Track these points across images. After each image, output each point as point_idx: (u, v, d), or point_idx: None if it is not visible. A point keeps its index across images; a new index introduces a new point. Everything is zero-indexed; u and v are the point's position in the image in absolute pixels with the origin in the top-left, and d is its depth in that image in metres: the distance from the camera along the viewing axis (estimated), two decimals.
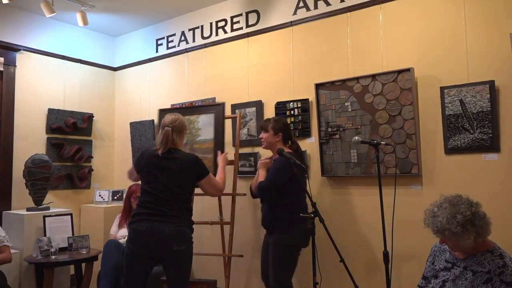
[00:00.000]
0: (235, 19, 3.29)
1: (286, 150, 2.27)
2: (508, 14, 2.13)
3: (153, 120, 3.77)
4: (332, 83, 2.65)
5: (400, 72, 2.39)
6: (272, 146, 2.34)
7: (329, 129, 2.64)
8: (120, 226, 3.01)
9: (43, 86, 3.64)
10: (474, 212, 1.36)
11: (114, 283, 2.65)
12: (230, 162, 2.63)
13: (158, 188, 2.02)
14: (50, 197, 3.45)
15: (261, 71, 3.11)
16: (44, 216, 3.08)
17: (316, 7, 2.83)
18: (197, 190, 2.26)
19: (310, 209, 2.11)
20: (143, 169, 2.09)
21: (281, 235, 2.17)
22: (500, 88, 2.13)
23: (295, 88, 2.90)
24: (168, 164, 2.05)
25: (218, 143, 2.96)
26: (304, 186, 2.15)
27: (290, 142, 2.38)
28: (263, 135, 2.36)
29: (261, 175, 2.28)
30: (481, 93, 2.15)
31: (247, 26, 3.21)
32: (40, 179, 3.20)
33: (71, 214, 3.23)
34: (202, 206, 3.34)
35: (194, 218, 3.02)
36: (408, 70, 2.36)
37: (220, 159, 2.50)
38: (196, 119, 3.10)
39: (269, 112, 3.02)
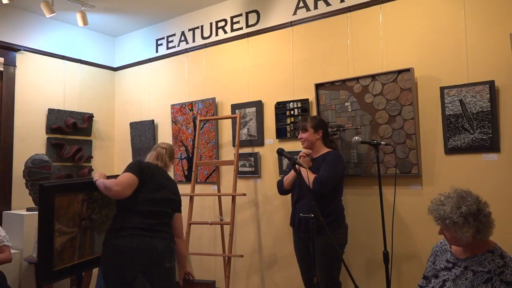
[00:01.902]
0: (235, 19, 3.29)
1: (315, 149, 2.27)
2: (508, 14, 2.14)
3: (153, 120, 3.77)
4: (332, 83, 2.65)
5: (400, 72, 2.39)
6: (314, 145, 2.30)
7: (329, 129, 2.63)
8: None
9: (43, 86, 3.63)
10: (480, 208, 1.37)
11: None
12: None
13: (161, 198, 1.97)
14: None
15: (261, 71, 3.11)
16: None
17: (316, 7, 2.84)
18: (197, 190, 2.26)
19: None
20: (144, 175, 1.97)
21: (334, 234, 2.04)
22: (500, 88, 2.13)
23: (295, 88, 2.90)
24: (164, 176, 2.09)
25: None
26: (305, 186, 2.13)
27: (328, 138, 2.36)
28: (302, 135, 2.30)
29: (308, 171, 2.16)
30: (481, 93, 2.15)
31: (247, 26, 3.21)
32: (40, 179, 3.20)
33: None
34: (202, 206, 3.33)
35: (194, 217, 3.03)
36: (408, 70, 2.36)
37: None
38: None
39: (269, 112, 3.02)
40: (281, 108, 2.92)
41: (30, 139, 3.50)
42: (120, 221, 1.91)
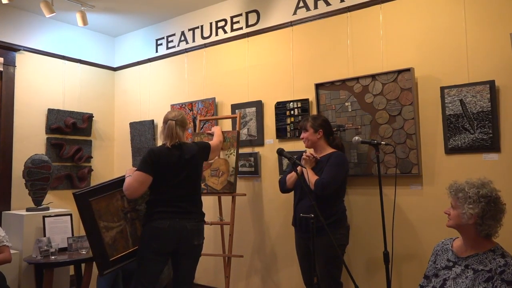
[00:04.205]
0: (235, 19, 3.29)
1: (321, 149, 2.28)
2: (508, 14, 2.14)
3: (153, 120, 3.77)
4: (332, 83, 2.65)
5: (400, 72, 2.39)
6: (316, 144, 2.30)
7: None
8: None
9: (43, 86, 3.63)
10: (496, 198, 1.40)
11: (112, 282, 2.65)
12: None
13: (176, 184, 2.07)
14: (49, 198, 3.44)
15: (261, 71, 3.11)
16: (44, 217, 3.07)
17: (316, 7, 2.84)
18: None
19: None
20: (161, 169, 2.06)
21: (335, 235, 2.03)
22: (501, 88, 2.13)
23: (295, 88, 2.90)
24: (181, 156, 2.11)
25: None
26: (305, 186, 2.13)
27: (331, 137, 2.34)
28: (303, 134, 2.32)
29: (310, 172, 2.15)
30: (481, 93, 2.15)
31: (247, 26, 3.21)
32: (40, 179, 3.20)
33: (70, 215, 3.22)
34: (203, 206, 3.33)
35: None
36: (408, 70, 2.36)
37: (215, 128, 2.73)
38: None
39: (269, 113, 3.02)
40: (281, 108, 2.92)
41: (29, 139, 3.50)
42: (152, 207, 2.10)
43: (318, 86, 2.70)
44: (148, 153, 2.10)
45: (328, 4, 2.78)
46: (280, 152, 2.07)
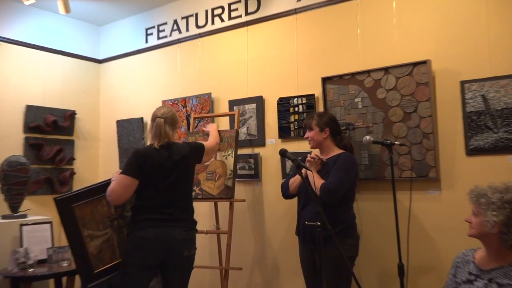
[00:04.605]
0: (233, 6, 3.29)
1: (327, 149, 2.28)
2: None
3: (142, 118, 3.76)
4: (341, 77, 2.65)
5: (415, 64, 2.39)
6: (321, 145, 2.29)
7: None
8: None
9: (20, 80, 3.63)
10: None
11: None
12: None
13: (164, 188, 2.06)
14: (27, 204, 3.43)
15: (261, 64, 3.11)
16: (21, 225, 3.06)
17: None
18: None
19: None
20: (147, 171, 2.05)
21: (343, 245, 2.01)
22: None
23: (300, 83, 2.90)
24: (169, 157, 2.10)
25: None
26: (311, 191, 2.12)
27: (339, 137, 2.34)
28: (308, 134, 2.31)
29: (315, 176, 2.13)
30: (505, 88, 2.15)
31: (247, 14, 3.20)
32: (17, 183, 3.19)
33: (51, 223, 3.21)
34: (196, 213, 3.32)
35: None
36: (424, 62, 2.36)
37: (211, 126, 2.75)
38: None
39: (271, 109, 3.02)
40: (284, 104, 2.92)
41: (5, 139, 3.50)
42: (137, 214, 2.09)
43: (325, 80, 2.70)
44: (133, 154, 2.09)
45: None
46: (283, 153, 2.07)
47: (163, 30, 3.73)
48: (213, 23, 3.40)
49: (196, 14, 3.50)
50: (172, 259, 2.04)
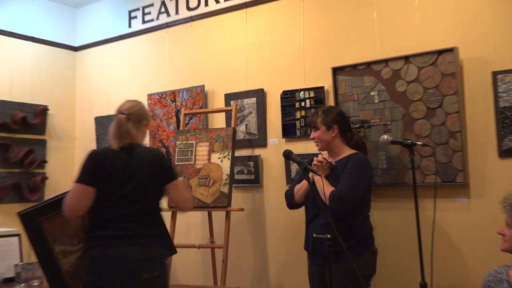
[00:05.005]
0: None
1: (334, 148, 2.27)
2: None
3: None
4: (354, 66, 2.65)
5: (441, 52, 2.39)
6: (330, 145, 2.28)
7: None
8: None
9: None
10: None
11: None
12: None
13: (121, 199, 1.99)
14: None
15: (263, 52, 3.12)
16: None
17: None
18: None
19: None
20: (104, 177, 2.00)
21: (358, 261, 1.97)
22: None
23: (307, 74, 2.90)
24: (129, 161, 2.02)
25: None
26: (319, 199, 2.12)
27: (349, 134, 2.33)
28: (313, 134, 2.31)
29: (323, 182, 2.11)
30: None
31: None
32: None
33: (19, 235, 3.22)
34: (187, 224, 3.34)
35: (177, 239, 3.03)
36: (450, 50, 2.36)
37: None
38: None
39: (274, 104, 3.03)
40: (288, 98, 2.93)
41: None
42: (92, 229, 2.04)
43: (336, 71, 2.71)
44: (88, 157, 2.04)
45: None
46: (288, 155, 2.07)
47: (149, 13, 3.74)
48: (206, 4, 3.41)
49: None
50: (130, 284, 1.94)
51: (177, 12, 3.57)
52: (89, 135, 4.03)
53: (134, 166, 2.03)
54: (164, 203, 2.32)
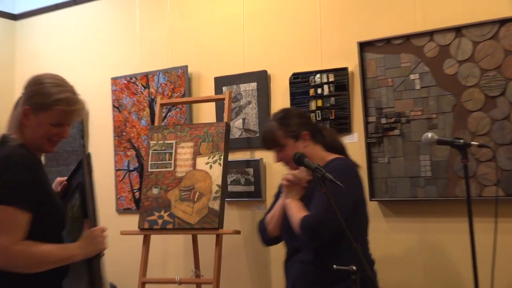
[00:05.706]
0: None
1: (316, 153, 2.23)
2: None
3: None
4: (388, 41, 2.66)
5: (503, 22, 2.39)
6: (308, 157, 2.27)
7: (383, 120, 2.64)
8: None
9: None
10: None
11: None
12: None
13: None
14: None
15: (265, 23, 3.12)
16: None
17: None
18: None
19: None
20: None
21: None
22: None
23: (324, 51, 2.91)
24: None
25: None
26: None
27: (319, 134, 2.28)
28: (279, 156, 2.23)
29: (293, 206, 2.13)
30: None
31: None
32: None
33: None
34: (164, 251, 3.33)
35: (152, 271, 3.00)
36: None
37: None
38: None
39: (280, 91, 3.03)
40: (300, 83, 2.92)
41: None
42: None
43: (364, 47, 2.71)
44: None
45: None
46: (299, 160, 2.04)
47: None
48: None
49: None
50: None
51: None
52: None
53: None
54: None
